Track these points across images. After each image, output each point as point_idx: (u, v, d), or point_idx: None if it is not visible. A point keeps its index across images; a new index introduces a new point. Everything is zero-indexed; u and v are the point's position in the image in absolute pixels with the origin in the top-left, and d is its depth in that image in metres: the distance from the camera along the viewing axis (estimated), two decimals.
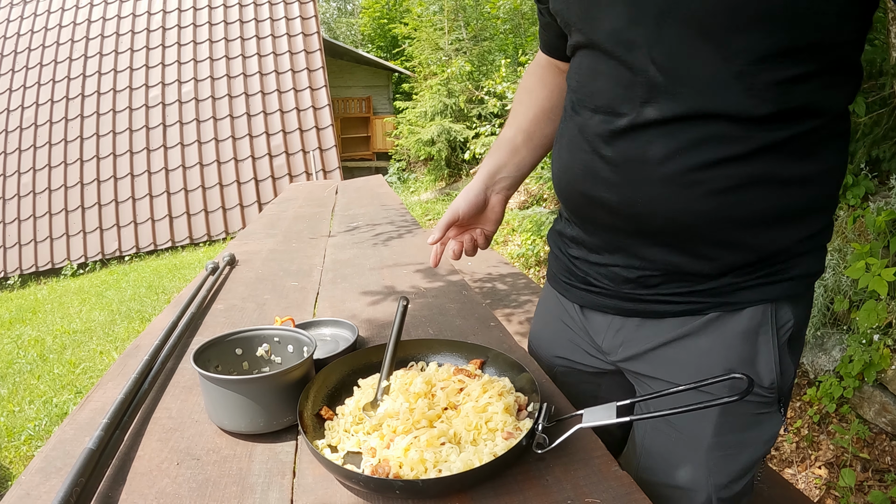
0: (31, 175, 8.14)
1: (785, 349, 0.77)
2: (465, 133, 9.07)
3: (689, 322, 0.79)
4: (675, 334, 0.80)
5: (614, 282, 0.84)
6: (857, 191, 2.97)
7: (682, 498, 0.83)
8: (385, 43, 18.53)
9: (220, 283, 1.44)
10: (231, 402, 0.74)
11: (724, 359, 0.77)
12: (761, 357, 0.77)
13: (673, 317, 0.80)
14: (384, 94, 15.29)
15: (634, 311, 0.84)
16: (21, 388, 3.85)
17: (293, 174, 8.32)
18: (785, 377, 0.78)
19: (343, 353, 0.94)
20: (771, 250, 0.74)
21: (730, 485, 0.81)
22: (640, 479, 0.85)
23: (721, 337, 0.77)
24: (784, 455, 2.47)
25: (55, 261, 7.78)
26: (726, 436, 0.79)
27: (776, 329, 0.76)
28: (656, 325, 0.82)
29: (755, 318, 0.76)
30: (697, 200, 0.71)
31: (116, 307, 5.42)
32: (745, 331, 0.76)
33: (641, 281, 0.81)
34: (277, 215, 2.47)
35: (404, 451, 0.65)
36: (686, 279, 0.77)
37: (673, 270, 0.78)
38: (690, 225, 0.73)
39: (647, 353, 0.84)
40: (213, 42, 8.95)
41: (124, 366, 0.97)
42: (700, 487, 0.81)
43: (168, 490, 0.65)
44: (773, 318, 0.76)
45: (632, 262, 0.80)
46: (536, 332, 1.08)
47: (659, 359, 0.83)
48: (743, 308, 0.76)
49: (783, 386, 0.78)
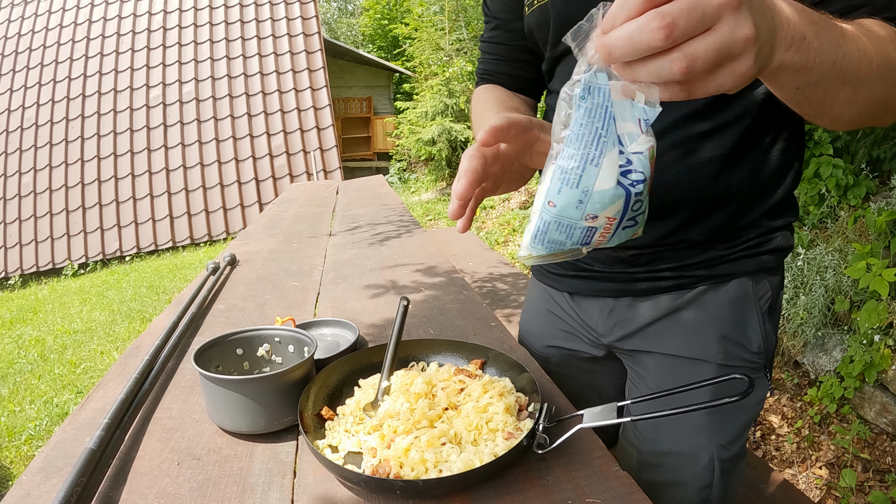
0: (31, 175, 8.15)
1: (766, 317, 0.84)
2: (466, 133, 9.07)
3: (679, 297, 0.84)
4: (667, 309, 0.85)
5: (606, 263, 0.88)
6: (857, 191, 2.97)
7: (687, 464, 0.87)
8: (386, 43, 18.55)
9: (220, 283, 1.44)
10: (232, 402, 0.74)
11: (717, 328, 0.83)
12: (749, 324, 0.83)
13: (664, 293, 0.85)
14: (385, 95, 15.31)
15: (626, 291, 0.88)
16: (22, 388, 3.85)
17: (294, 174, 8.32)
18: (769, 343, 0.85)
19: (344, 353, 0.94)
20: (744, 219, 0.81)
21: (729, 445, 0.86)
22: (645, 452, 0.90)
23: (711, 308, 0.83)
24: (785, 455, 2.47)
25: (56, 261, 7.79)
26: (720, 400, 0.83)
27: (757, 299, 0.83)
28: (648, 302, 0.86)
29: (740, 288, 0.82)
30: (686, 173, 0.78)
31: (117, 307, 5.42)
32: (733, 300, 0.82)
33: (632, 260, 0.85)
34: (278, 215, 2.47)
35: (405, 452, 0.65)
36: (676, 255, 0.81)
37: (664, 245, 0.82)
38: (680, 198, 0.79)
39: (640, 330, 0.88)
40: (214, 42, 8.96)
41: (125, 366, 0.97)
42: (703, 451, 0.85)
43: (169, 490, 0.66)
44: (755, 288, 0.83)
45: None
46: (525, 325, 1.12)
47: (652, 334, 0.87)
48: (728, 280, 0.82)
49: (768, 351, 0.85)
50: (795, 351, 2.89)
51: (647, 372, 0.91)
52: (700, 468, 0.86)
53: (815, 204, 3.10)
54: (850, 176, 2.98)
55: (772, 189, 0.82)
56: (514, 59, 1.00)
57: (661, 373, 0.89)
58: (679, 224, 0.81)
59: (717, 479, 0.87)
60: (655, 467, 0.89)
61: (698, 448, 0.86)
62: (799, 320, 2.79)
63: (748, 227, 0.82)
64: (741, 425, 0.86)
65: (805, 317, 2.77)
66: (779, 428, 2.65)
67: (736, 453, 0.88)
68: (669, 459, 0.87)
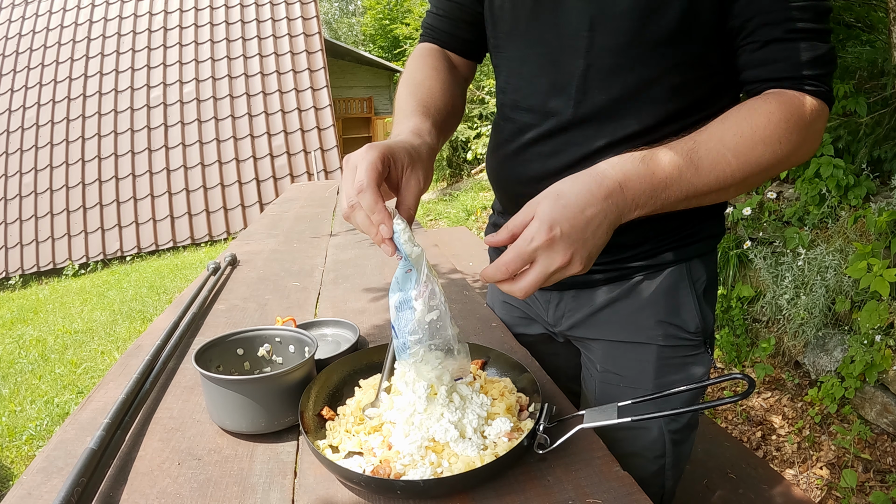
0: (32, 175, 8.14)
1: (702, 299, 0.91)
2: (467, 133, 9.07)
3: (617, 288, 0.91)
4: (607, 299, 0.92)
5: None
6: (858, 191, 2.96)
7: (638, 437, 0.94)
8: (386, 43, 18.54)
9: (221, 284, 1.44)
10: (232, 403, 0.74)
11: (654, 313, 0.90)
12: (684, 308, 0.90)
13: (604, 284, 0.92)
14: (386, 95, 15.30)
15: (570, 284, 0.94)
16: (23, 388, 3.85)
17: (295, 174, 8.32)
18: (706, 322, 0.91)
19: (344, 353, 0.94)
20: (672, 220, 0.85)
21: (676, 418, 0.93)
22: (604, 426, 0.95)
23: (647, 296, 0.90)
24: (785, 456, 2.47)
25: (57, 261, 7.79)
26: (666, 377, 0.91)
27: (692, 283, 0.90)
28: (590, 294, 0.94)
29: (673, 276, 0.89)
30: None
31: (118, 307, 5.42)
32: (667, 288, 0.89)
33: None
34: (279, 215, 2.47)
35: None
36: (613, 250, 0.85)
37: None
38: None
39: (586, 319, 0.95)
40: (215, 42, 8.96)
41: (126, 366, 0.97)
42: (651, 423, 0.92)
43: (169, 490, 0.66)
44: (689, 274, 0.89)
45: None
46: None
47: (597, 323, 0.95)
48: (662, 270, 0.89)
49: (706, 329, 0.92)
50: (796, 351, 2.89)
51: (594, 356, 0.98)
52: (651, 440, 0.93)
53: (815, 204, 3.10)
54: (850, 176, 2.97)
55: None
56: (459, 19, 1.00)
57: (607, 357, 0.96)
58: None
59: (668, 449, 0.94)
60: (613, 441, 0.94)
61: (647, 421, 0.91)
62: (800, 320, 2.79)
63: (678, 219, 0.86)
64: (685, 400, 0.92)
65: (806, 317, 2.77)
66: (779, 428, 2.65)
67: (685, 425, 0.94)
68: (623, 433, 0.92)
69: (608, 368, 0.96)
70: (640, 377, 0.92)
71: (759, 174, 0.72)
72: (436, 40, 1.03)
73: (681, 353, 0.91)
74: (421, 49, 1.02)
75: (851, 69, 3.30)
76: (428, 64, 0.97)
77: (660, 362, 0.91)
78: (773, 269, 3.02)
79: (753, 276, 3.24)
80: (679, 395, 0.84)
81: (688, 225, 0.88)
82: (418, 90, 0.90)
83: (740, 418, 2.76)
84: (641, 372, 0.92)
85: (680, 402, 0.90)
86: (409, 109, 0.85)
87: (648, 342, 0.91)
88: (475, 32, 1.00)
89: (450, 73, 0.97)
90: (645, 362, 0.91)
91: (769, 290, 3.02)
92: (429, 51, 1.01)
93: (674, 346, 0.90)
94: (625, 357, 0.94)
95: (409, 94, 0.89)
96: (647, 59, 0.77)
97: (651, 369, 0.91)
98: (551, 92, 0.84)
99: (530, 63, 0.86)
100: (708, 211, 0.89)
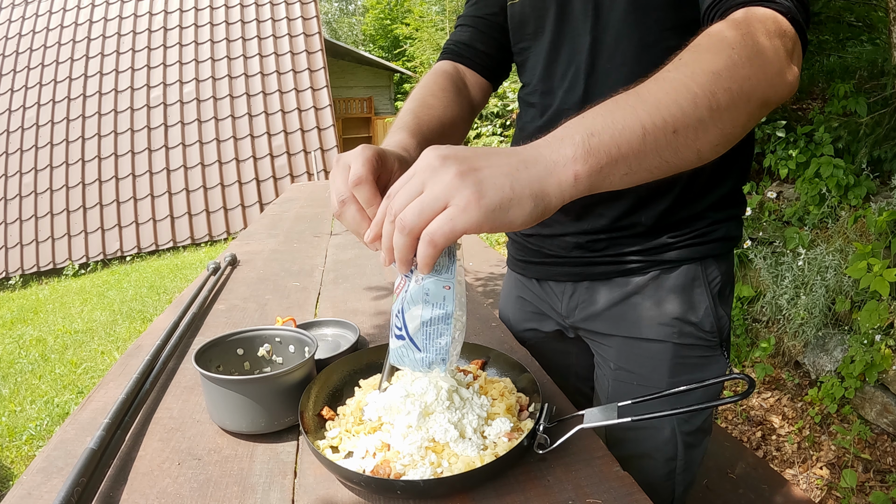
0: (32, 175, 8.15)
1: (717, 299, 0.91)
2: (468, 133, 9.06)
3: (632, 281, 0.91)
4: (622, 293, 0.92)
5: (565, 249, 0.96)
6: (858, 191, 2.97)
7: (650, 437, 0.93)
8: (387, 43, 18.56)
9: (221, 284, 1.44)
10: (232, 403, 0.74)
11: (668, 311, 0.90)
12: (699, 306, 0.90)
13: (618, 276, 0.92)
14: (386, 95, 15.31)
15: (584, 275, 0.96)
16: (22, 388, 3.85)
17: (295, 174, 8.32)
18: (721, 323, 0.91)
19: (344, 353, 0.94)
20: (689, 210, 0.87)
21: (690, 419, 0.92)
22: (611, 426, 0.95)
23: (662, 292, 0.90)
24: (785, 456, 2.47)
25: (57, 261, 7.79)
26: (680, 377, 0.91)
27: (707, 283, 0.90)
28: (604, 286, 0.94)
29: (688, 274, 0.89)
30: None
31: (118, 307, 5.42)
32: (682, 285, 0.89)
33: (589, 245, 0.93)
34: (279, 215, 2.47)
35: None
36: (629, 241, 0.88)
37: (617, 229, 0.90)
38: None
39: (600, 313, 0.95)
40: (215, 42, 8.96)
41: (126, 366, 0.97)
42: (664, 423, 0.92)
43: (169, 490, 0.66)
44: (704, 273, 0.90)
45: (581, 226, 0.92)
46: (503, 312, 1.20)
47: (610, 317, 0.94)
48: (677, 267, 0.89)
49: (721, 330, 0.91)
50: (796, 351, 2.89)
51: (608, 353, 0.98)
52: (662, 441, 0.92)
53: (815, 204, 3.10)
54: (850, 176, 2.98)
55: (718, 184, 0.89)
56: (488, 34, 1.02)
57: (621, 354, 0.95)
58: (627, 208, 0.89)
59: (680, 451, 0.93)
60: (621, 441, 0.95)
61: (660, 421, 0.91)
62: (800, 320, 2.79)
63: (695, 218, 0.89)
64: (699, 401, 0.90)
65: (806, 317, 2.77)
66: (779, 428, 2.65)
67: (698, 427, 0.93)
68: (633, 433, 0.92)
69: (622, 366, 0.95)
70: (653, 375, 0.92)
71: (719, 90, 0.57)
72: (456, 55, 1.03)
73: (696, 353, 0.91)
74: (435, 67, 1.03)
75: (851, 69, 3.30)
76: (437, 83, 0.97)
77: (674, 360, 0.91)
78: (773, 269, 3.02)
79: (753, 276, 3.24)
80: (687, 397, 0.85)
81: (703, 220, 0.89)
82: (417, 107, 0.91)
83: (740, 418, 2.76)
84: (655, 370, 0.92)
85: (687, 403, 0.89)
86: (400, 125, 0.85)
87: (664, 339, 0.90)
88: (495, 47, 1.03)
89: (456, 95, 0.97)
90: (659, 360, 0.91)
91: (769, 290, 3.03)
92: (442, 70, 1.01)
93: (689, 344, 0.90)
94: (639, 354, 0.93)
95: (408, 110, 0.90)
96: (646, 22, 0.80)
97: (665, 368, 0.91)
98: (566, 74, 0.88)
99: (547, 51, 0.91)
100: (725, 212, 0.90)
